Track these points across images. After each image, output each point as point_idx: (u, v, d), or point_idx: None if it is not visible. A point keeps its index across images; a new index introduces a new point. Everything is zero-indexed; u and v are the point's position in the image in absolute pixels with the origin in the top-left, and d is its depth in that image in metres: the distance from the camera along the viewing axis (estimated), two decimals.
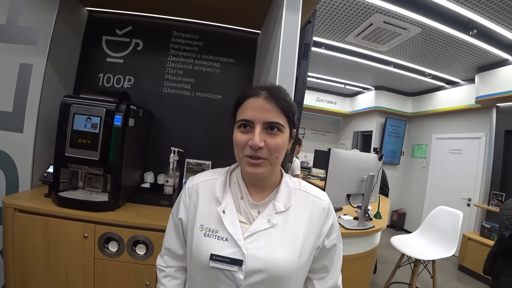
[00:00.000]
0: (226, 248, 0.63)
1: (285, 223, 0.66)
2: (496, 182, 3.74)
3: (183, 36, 2.00)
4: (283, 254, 0.63)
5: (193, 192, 0.73)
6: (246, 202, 0.69)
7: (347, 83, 5.36)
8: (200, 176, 0.76)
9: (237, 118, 0.66)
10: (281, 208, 0.67)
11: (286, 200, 0.69)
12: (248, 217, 0.67)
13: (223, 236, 0.64)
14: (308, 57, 1.64)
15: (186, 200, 0.73)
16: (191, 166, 1.91)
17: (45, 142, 1.59)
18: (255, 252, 0.62)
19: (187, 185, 0.76)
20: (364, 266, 1.95)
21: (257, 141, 0.60)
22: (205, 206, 0.69)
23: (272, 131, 0.63)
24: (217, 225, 0.66)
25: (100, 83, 1.92)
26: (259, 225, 0.65)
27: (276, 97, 0.65)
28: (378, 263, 3.29)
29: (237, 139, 0.64)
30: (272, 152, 0.63)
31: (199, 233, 0.66)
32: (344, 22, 2.92)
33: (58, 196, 1.33)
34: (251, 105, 0.64)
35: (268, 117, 0.62)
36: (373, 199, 2.01)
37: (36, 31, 1.55)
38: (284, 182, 0.72)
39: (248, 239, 0.63)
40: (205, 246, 0.64)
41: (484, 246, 3.35)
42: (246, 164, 0.64)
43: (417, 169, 5.43)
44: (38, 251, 1.25)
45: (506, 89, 3.38)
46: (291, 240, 0.65)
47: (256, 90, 0.66)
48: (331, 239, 0.72)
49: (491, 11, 2.42)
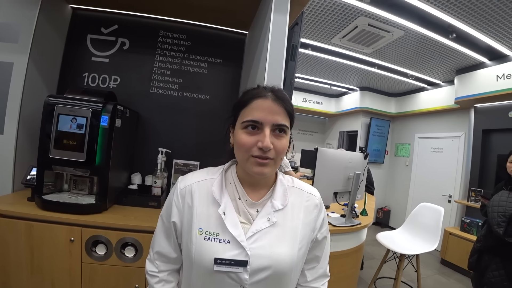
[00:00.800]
0: (229, 250, 0.62)
1: (283, 220, 0.67)
2: (474, 179, 3.90)
3: (170, 35, 1.99)
4: (285, 250, 0.65)
5: (186, 194, 0.69)
6: (244, 202, 0.68)
7: (333, 84, 5.45)
8: (192, 176, 0.73)
9: (242, 119, 0.64)
10: (279, 206, 0.68)
11: (283, 198, 0.70)
12: (247, 217, 0.67)
13: (225, 239, 0.63)
14: (296, 58, 1.67)
15: (178, 202, 0.70)
16: (179, 166, 1.90)
17: (28, 143, 1.54)
18: (258, 251, 0.63)
19: (178, 186, 0.72)
20: (351, 262, 1.99)
21: (268, 143, 0.60)
22: (203, 208, 0.67)
23: (279, 133, 0.63)
24: (218, 227, 0.64)
25: (84, 83, 1.87)
26: (260, 224, 0.65)
27: (283, 99, 0.65)
28: (365, 259, 3.37)
29: (243, 140, 0.62)
30: (278, 153, 0.63)
31: (199, 237, 0.64)
32: (330, 24, 2.97)
33: (42, 199, 1.29)
34: (260, 106, 0.63)
35: (277, 119, 0.63)
36: (359, 197, 2.06)
37: (17, 28, 1.50)
38: (279, 181, 0.72)
39: (250, 239, 0.63)
40: (208, 250, 0.62)
41: (465, 241, 3.50)
42: (253, 164, 0.62)
43: (401, 167, 5.59)
44: (21, 257, 1.21)
45: (483, 91, 3.55)
46: (291, 235, 0.67)
47: (263, 90, 0.66)
48: (322, 231, 0.75)
49: (469, 17, 2.54)
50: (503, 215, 1.80)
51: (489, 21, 2.58)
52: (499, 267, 1.82)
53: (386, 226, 5.54)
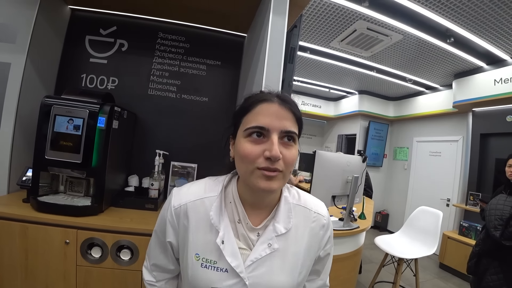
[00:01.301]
0: (227, 279, 0.59)
1: (285, 245, 0.62)
2: (473, 182, 3.90)
3: (169, 37, 1.99)
4: (284, 279, 0.61)
5: (181, 214, 0.63)
6: (245, 225, 0.62)
7: (332, 87, 5.46)
8: (187, 193, 0.65)
9: (245, 126, 0.57)
10: (281, 230, 0.62)
11: (286, 220, 0.63)
12: (247, 242, 0.62)
13: (223, 268, 0.59)
14: (294, 61, 1.67)
15: (173, 221, 0.64)
16: (176, 169, 1.89)
17: (24, 144, 1.53)
18: (257, 280, 0.59)
19: (172, 203, 0.65)
20: (349, 266, 1.98)
21: (277, 151, 0.53)
22: (199, 234, 0.62)
23: (288, 142, 0.56)
24: (215, 255, 0.60)
25: (82, 84, 1.87)
26: (260, 252, 0.60)
27: (291, 103, 0.59)
28: (363, 263, 3.35)
29: (247, 150, 0.55)
30: (288, 165, 0.56)
31: (195, 262, 0.61)
32: (329, 28, 2.98)
33: (38, 200, 1.28)
34: (266, 110, 0.56)
35: (286, 125, 0.56)
36: (357, 200, 2.05)
37: (15, 28, 1.50)
38: (284, 199, 0.66)
39: (249, 268, 0.59)
40: (204, 278, 0.59)
41: (463, 245, 3.49)
42: (259, 178, 0.55)
43: (399, 171, 5.59)
44: (15, 259, 1.19)
45: (481, 95, 3.56)
46: (292, 262, 0.63)
47: (268, 95, 0.60)
48: (326, 249, 0.71)
49: (466, 21, 2.55)
50: (500, 218, 1.80)
51: (486, 26, 2.60)
52: (498, 271, 1.81)
53: (384, 230, 5.53)
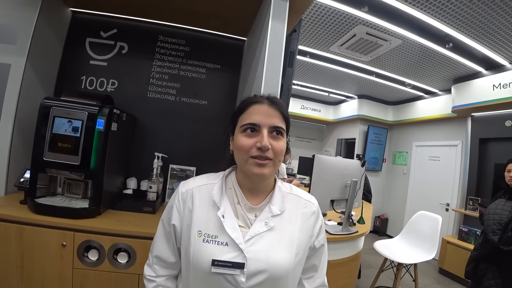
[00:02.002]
0: (227, 252, 0.64)
1: (281, 225, 0.69)
2: (472, 187, 3.90)
3: (169, 40, 1.99)
4: (282, 254, 0.66)
5: (187, 198, 0.72)
6: (243, 206, 0.70)
7: (331, 92, 5.48)
8: (194, 181, 0.75)
9: (240, 123, 0.69)
10: (276, 212, 0.70)
11: (280, 203, 0.71)
12: (245, 221, 0.69)
13: (223, 241, 0.65)
14: (293, 65, 1.67)
15: (179, 205, 0.72)
16: (175, 172, 1.88)
17: (22, 145, 1.52)
18: (256, 254, 0.64)
19: (180, 190, 0.74)
20: (348, 271, 1.97)
21: (266, 142, 0.64)
22: (203, 212, 0.69)
23: (276, 135, 0.67)
24: (216, 230, 0.66)
25: (82, 86, 1.87)
26: (258, 228, 0.67)
27: (279, 104, 0.70)
28: (362, 268, 3.33)
29: (242, 142, 0.66)
30: (276, 154, 0.66)
31: (198, 239, 0.66)
32: (328, 32, 3.00)
33: (35, 202, 1.27)
34: (257, 110, 0.68)
35: (274, 121, 0.67)
36: (356, 205, 2.04)
37: (15, 30, 1.50)
38: (278, 187, 0.75)
39: (248, 242, 0.65)
40: (205, 252, 0.64)
41: (463, 250, 3.47)
42: (252, 165, 0.65)
43: (399, 175, 5.58)
44: (11, 261, 1.18)
45: (480, 100, 3.57)
46: (288, 240, 0.68)
47: (259, 97, 0.71)
48: (320, 239, 0.76)
49: (465, 27, 2.57)
50: (498, 223, 1.80)
51: (485, 31, 2.62)
52: (496, 276, 1.80)
53: (383, 235, 5.51)
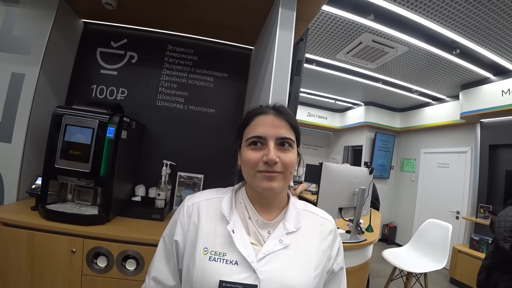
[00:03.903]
0: (237, 273, 0.57)
1: (296, 243, 0.63)
2: (482, 194, 3.82)
3: (178, 50, 2.03)
4: (298, 276, 0.59)
5: (193, 211, 0.66)
6: (255, 222, 0.64)
7: (338, 99, 5.48)
8: (201, 195, 0.70)
9: (246, 137, 0.64)
10: (291, 229, 0.64)
11: (295, 220, 0.66)
12: (258, 238, 0.62)
13: (232, 260, 0.58)
14: (301, 73, 1.69)
15: (184, 220, 0.66)
16: (183, 179, 1.89)
17: (34, 153, 1.56)
18: (269, 275, 0.57)
19: (185, 203, 0.68)
20: (357, 280, 1.93)
21: (273, 155, 0.59)
22: (210, 226, 0.63)
23: (284, 147, 0.62)
24: (225, 247, 0.60)
25: (93, 95, 1.91)
26: (272, 246, 0.60)
27: (286, 113, 0.65)
28: (371, 277, 3.27)
29: (248, 156, 0.61)
30: (286, 167, 0.61)
31: (203, 257, 0.59)
32: (335, 40, 3.02)
33: (46, 209, 1.29)
34: (262, 122, 0.63)
35: (280, 132, 0.62)
36: (364, 213, 2.02)
37: (30, 41, 1.55)
38: (292, 203, 0.69)
39: (261, 261, 0.58)
40: (212, 272, 0.57)
41: (474, 259, 3.38)
42: (261, 179, 0.60)
43: (407, 183, 5.50)
44: (21, 267, 1.20)
45: (489, 106, 3.53)
46: (304, 261, 0.62)
47: (264, 108, 0.66)
48: (338, 262, 0.70)
49: (472, 33, 2.56)
50: (509, 230, 1.75)
51: (492, 37, 2.60)
52: (509, 285, 1.75)
53: (392, 243, 5.41)
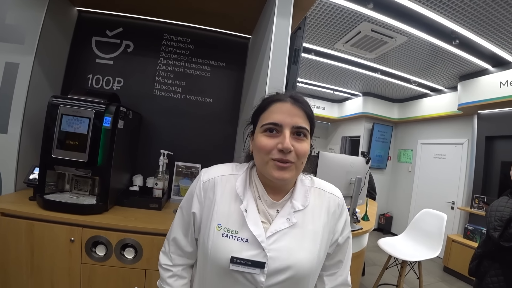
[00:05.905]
0: (247, 250, 0.60)
1: (304, 221, 0.65)
2: (478, 185, 3.86)
3: (174, 39, 2.01)
4: (304, 253, 0.62)
5: (209, 187, 0.68)
6: (264, 202, 0.67)
7: (336, 89, 5.45)
8: (217, 170, 0.71)
9: (261, 122, 0.64)
10: (299, 207, 0.66)
11: (303, 198, 0.67)
12: (267, 217, 0.65)
13: (244, 237, 0.61)
14: (298, 63, 1.67)
15: (200, 194, 0.69)
16: (180, 169, 1.90)
17: (31, 143, 1.55)
18: (277, 253, 0.60)
19: (201, 178, 0.70)
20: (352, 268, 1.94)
21: (288, 144, 0.59)
22: (224, 204, 0.66)
23: (299, 137, 0.62)
24: (238, 225, 0.63)
25: (89, 84, 1.89)
26: (279, 225, 0.63)
27: (303, 102, 0.65)
28: (366, 266, 3.33)
29: (262, 143, 0.61)
30: (299, 157, 0.62)
31: (217, 232, 0.63)
32: (333, 30, 2.98)
33: (44, 199, 1.30)
34: (279, 109, 0.63)
35: (297, 121, 0.62)
36: (360, 202, 2.04)
37: (23, 29, 1.52)
38: (300, 181, 0.70)
39: (269, 239, 0.61)
40: (224, 247, 0.61)
41: (468, 248, 3.45)
42: (273, 168, 0.61)
43: (403, 173, 5.55)
44: (21, 256, 1.21)
45: (486, 97, 3.53)
46: (311, 238, 0.64)
47: (282, 95, 0.66)
48: (344, 234, 0.72)
49: (472, 23, 2.54)
50: (500, 220, 1.78)
51: (492, 28, 2.58)
52: (498, 273, 1.79)
53: (388, 232, 5.49)
